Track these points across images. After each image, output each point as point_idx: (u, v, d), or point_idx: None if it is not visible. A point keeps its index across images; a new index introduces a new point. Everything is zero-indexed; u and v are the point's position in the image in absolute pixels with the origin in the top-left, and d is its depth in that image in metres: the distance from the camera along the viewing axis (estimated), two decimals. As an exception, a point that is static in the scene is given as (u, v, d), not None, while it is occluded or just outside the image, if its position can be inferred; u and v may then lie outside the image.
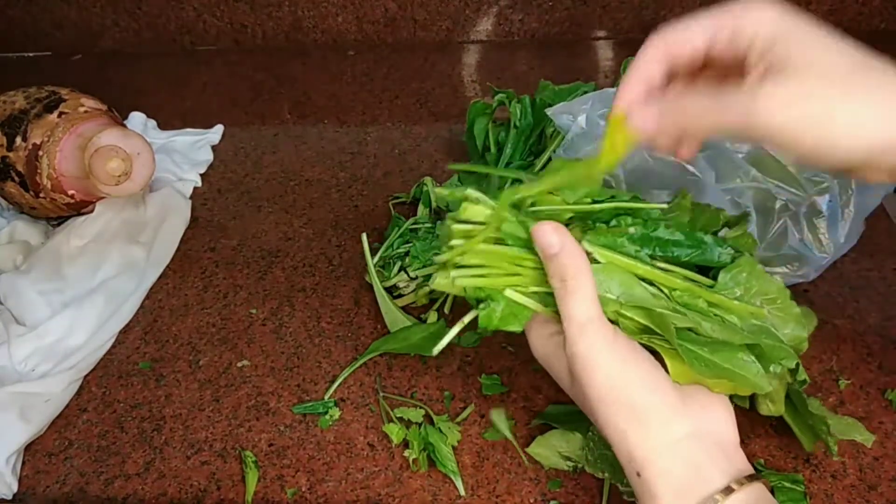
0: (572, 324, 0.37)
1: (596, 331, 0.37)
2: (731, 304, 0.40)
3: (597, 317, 0.37)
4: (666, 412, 0.37)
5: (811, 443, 0.47)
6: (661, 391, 0.37)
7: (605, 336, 0.37)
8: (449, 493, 0.49)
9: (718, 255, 0.41)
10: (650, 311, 0.38)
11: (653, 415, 0.36)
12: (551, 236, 0.38)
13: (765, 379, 0.39)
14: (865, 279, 0.62)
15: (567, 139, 0.60)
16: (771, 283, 0.41)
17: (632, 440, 0.36)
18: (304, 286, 0.67)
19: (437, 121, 0.89)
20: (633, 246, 0.40)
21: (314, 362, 0.59)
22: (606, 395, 0.37)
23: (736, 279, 0.40)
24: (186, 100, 0.98)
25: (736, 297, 0.40)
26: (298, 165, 0.83)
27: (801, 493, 0.47)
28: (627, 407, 0.37)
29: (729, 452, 0.37)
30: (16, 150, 0.68)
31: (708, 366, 0.38)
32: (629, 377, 0.37)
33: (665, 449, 0.36)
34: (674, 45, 0.35)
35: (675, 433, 0.36)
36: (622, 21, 1.00)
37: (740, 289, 0.40)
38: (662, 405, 0.37)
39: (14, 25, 1.09)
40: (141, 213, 0.74)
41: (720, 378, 0.38)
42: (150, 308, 0.66)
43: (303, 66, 1.03)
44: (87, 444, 0.55)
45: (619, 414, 0.37)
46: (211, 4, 1.03)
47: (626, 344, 0.38)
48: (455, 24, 1.03)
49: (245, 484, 0.51)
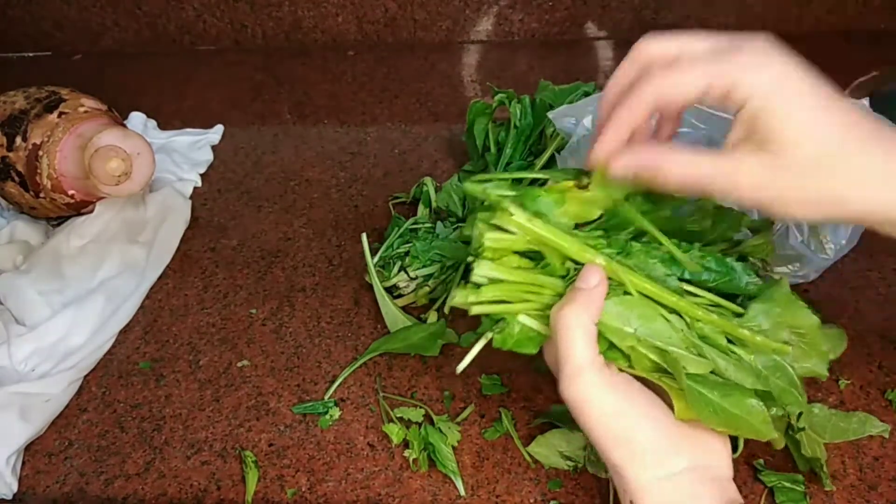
0: (566, 364, 0.37)
1: (592, 373, 0.37)
2: (755, 339, 0.39)
3: (592, 360, 0.37)
4: (664, 449, 0.37)
5: (805, 467, 0.48)
6: (660, 429, 0.37)
7: (601, 378, 0.37)
8: (449, 493, 0.49)
9: (746, 283, 0.41)
10: (664, 351, 0.38)
11: (650, 452, 0.37)
12: (594, 275, 0.38)
13: (770, 427, 0.39)
14: (865, 279, 0.62)
15: (573, 142, 0.60)
16: (805, 317, 0.40)
17: (628, 476, 0.37)
18: (304, 286, 0.67)
19: (437, 121, 0.89)
20: (663, 268, 0.40)
21: (314, 362, 0.59)
22: (603, 434, 0.37)
23: (768, 312, 0.40)
24: (186, 100, 0.98)
25: (762, 331, 0.40)
26: (298, 165, 0.83)
27: (801, 493, 0.47)
28: (623, 445, 0.37)
29: (723, 484, 0.38)
30: (16, 150, 0.68)
31: (715, 411, 0.37)
32: (626, 418, 0.37)
33: (661, 483, 0.36)
34: (666, 97, 0.35)
35: (670, 468, 0.37)
36: (622, 21, 1.00)
37: (770, 322, 0.40)
38: (659, 443, 0.37)
39: (14, 25, 1.09)
40: (141, 213, 0.74)
41: (727, 425, 0.38)
42: (150, 308, 0.66)
43: (303, 66, 1.03)
44: (87, 444, 0.55)
45: (616, 452, 0.37)
46: (211, 4, 1.03)
47: (624, 384, 0.38)
48: (455, 24, 1.03)
49: (245, 484, 0.51)
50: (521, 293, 0.39)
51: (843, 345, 0.43)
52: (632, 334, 0.38)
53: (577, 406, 0.37)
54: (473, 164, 0.75)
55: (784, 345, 0.40)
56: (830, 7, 0.96)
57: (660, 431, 0.37)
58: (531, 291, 0.40)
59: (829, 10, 0.96)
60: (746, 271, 0.41)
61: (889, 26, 0.97)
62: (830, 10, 0.96)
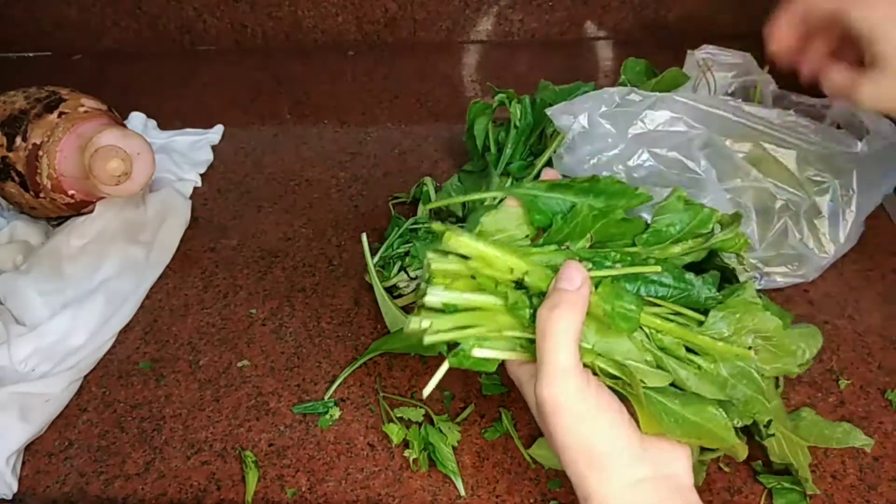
0: (549, 365, 0.37)
1: (572, 378, 0.37)
2: (716, 345, 0.39)
3: (575, 364, 0.37)
4: (626, 459, 0.37)
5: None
6: (624, 438, 0.37)
7: (579, 384, 0.37)
8: (449, 493, 0.49)
9: (705, 297, 0.41)
10: (623, 365, 0.38)
11: (613, 461, 0.37)
12: (577, 274, 0.38)
13: (732, 434, 0.39)
14: (865, 279, 0.62)
15: (568, 139, 0.60)
16: (768, 321, 0.40)
17: (591, 485, 0.37)
18: (304, 286, 0.67)
19: (437, 121, 0.89)
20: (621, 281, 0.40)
21: (314, 362, 0.59)
22: (571, 441, 0.37)
23: (728, 318, 0.40)
24: (186, 100, 0.98)
25: (723, 338, 0.40)
26: (298, 165, 0.83)
27: (801, 494, 0.47)
28: (588, 453, 0.37)
29: (684, 493, 0.38)
30: (16, 150, 0.68)
31: (677, 420, 0.38)
32: (594, 425, 0.37)
33: (623, 491, 0.37)
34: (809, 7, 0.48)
35: (633, 477, 0.37)
36: (622, 21, 1.00)
37: (730, 328, 0.40)
38: (623, 452, 0.37)
39: (14, 25, 1.09)
40: (141, 213, 0.74)
41: (689, 434, 0.38)
42: (150, 308, 0.66)
43: (303, 66, 1.03)
44: (87, 445, 0.55)
45: (580, 460, 0.37)
46: (211, 4, 1.03)
47: (595, 391, 0.37)
48: (455, 24, 1.03)
49: (245, 484, 0.51)
50: (475, 317, 0.39)
51: (817, 342, 0.43)
52: (590, 349, 0.38)
53: (551, 408, 0.37)
54: (473, 164, 0.75)
55: (747, 350, 0.40)
56: (830, 7, 0.96)
57: (624, 440, 0.37)
58: (485, 313, 0.39)
59: (830, 9, 0.96)
60: (707, 285, 0.41)
61: (889, 26, 0.97)
62: (830, 10, 0.96)
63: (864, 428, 0.50)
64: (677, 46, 0.71)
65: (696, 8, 0.98)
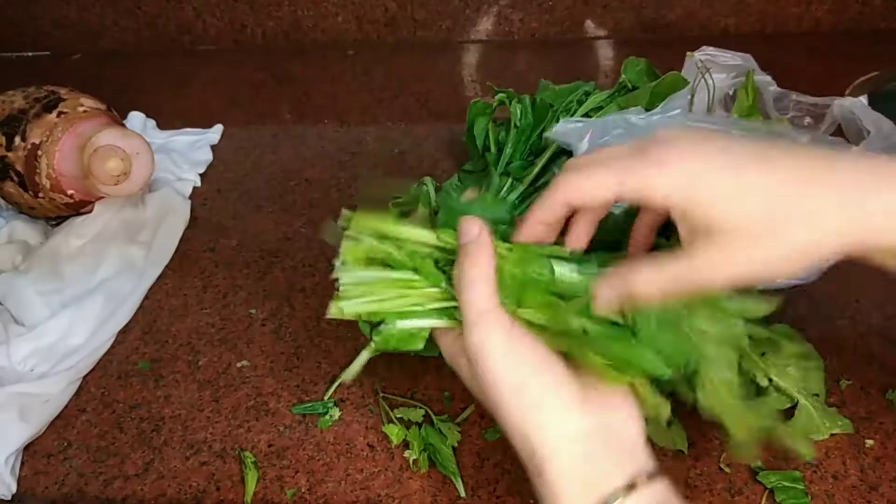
0: (470, 311, 0.37)
1: (494, 320, 0.36)
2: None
3: (495, 306, 0.37)
4: (562, 406, 0.35)
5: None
6: (557, 385, 0.36)
7: (503, 325, 0.36)
8: (449, 494, 0.49)
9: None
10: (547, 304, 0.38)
11: (549, 409, 0.35)
12: (473, 226, 0.38)
13: (661, 364, 0.36)
14: (866, 279, 0.62)
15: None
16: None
17: (532, 438, 0.35)
18: (304, 286, 0.67)
19: (437, 121, 0.89)
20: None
21: (314, 362, 0.59)
22: (503, 387, 0.36)
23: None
24: (186, 100, 0.98)
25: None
26: (298, 165, 0.83)
27: (802, 492, 0.47)
28: (519, 394, 0.36)
29: (632, 450, 0.36)
30: (15, 150, 0.67)
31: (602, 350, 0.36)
32: (522, 363, 0.36)
33: (564, 446, 0.35)
34: (576, 200, 0.37)
35: (573, 429, 0.35)
36: (622, 21, 1.00)
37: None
38: (558, 399, 0.36)
39: (14, 25, 1.08)
40: (140, 213, 0.74)
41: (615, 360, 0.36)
42: (149, 308, 0.66)
43: (303, 65, 1.03)
44: (85, 445, 0.55)
45: (516, 408, 0.36)
46: (211, 4, 1.03)
47: (522, 335, 0.37)
48: (455, 24, 1.03)
49: (244, 484, 0.51)
50: (396, 292, 0.40)
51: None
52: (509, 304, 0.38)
53: (476, 354, 0.36)
54: (473, 164, 0.75)
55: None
56: (830, 7, 0.96)
57: (557, 388, 0.36)
58: (406, 287, 0.40)
59: (830, 10, 0.96)
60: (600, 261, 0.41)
61: (889, 26, 0.97)
62: (830, 10, 0.96)
63: (864, 428, 0.50)
64: (677, 46, 0.71)
65: (696, 8, 0.98)
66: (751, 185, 0.32)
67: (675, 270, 0.34)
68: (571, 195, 0.37)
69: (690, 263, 0.34)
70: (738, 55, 0.68)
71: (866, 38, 0.96)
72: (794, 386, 0.47)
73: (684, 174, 0.33)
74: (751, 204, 0.32)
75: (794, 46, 0.95)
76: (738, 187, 0.32)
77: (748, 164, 0.33)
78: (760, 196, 0.32)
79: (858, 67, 0.81)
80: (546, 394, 0.36)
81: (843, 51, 0.92)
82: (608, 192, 0.35)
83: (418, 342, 0.41)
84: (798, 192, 0.32)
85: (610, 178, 0.35)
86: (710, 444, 0.50)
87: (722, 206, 0.32)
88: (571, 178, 0.36)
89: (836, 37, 0.96)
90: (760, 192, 0.32)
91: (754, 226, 0.32)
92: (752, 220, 0.32)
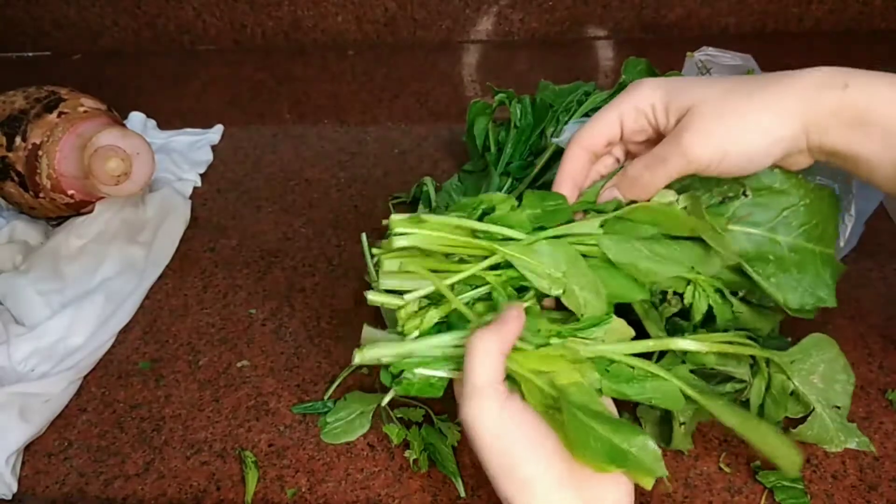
0: (467, 387, 0.37)
1: (488, 395, 0.37)
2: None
3: (491, 382, 0.37)
4: (549, 482, 0.35)
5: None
6: (547, 460, 0.36)
7: (497, 399, 0.36)
8: (449, 494, 0.49)
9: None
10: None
11: (537, 485, 0.35)
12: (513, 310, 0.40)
13: (661, 464, 0.37)
14: (866, 279, 0.62)
15: None
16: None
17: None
18: (304, 286, 0.67)
19: (437, 121, 0.89)
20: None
21: (314, 362, 0.59)
22: (494, 460, 0.36)
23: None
24: (186, 100, 0.98)
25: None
26: (298, 165, 0.83)
27: (801, 491, 0.47)
28: (510, 475, 0.36)
29: None
30: (15, 150, 0.68)
31: (603, 446, 0.36)
32: (513, 445, 0.36)
33: None
34: (590, 145, 0.45)
35: (559, 502, 0.35)
36: (622, 21, 1.00)
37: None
38: (546, 474, 0.36)
39: (14, 25, 1.09)
40: (140, 213, 0.74)
41: (615, 461, 0.36)
42: (149, 308, 0.66)
43: (303, 65, 1.03)
44: (86, 445, 0.55)
45: (503, 480, 0.36)
46: (210, 4, 1.03)
47: (518, 412, 0.37)
48: (455, 24, 1.03)
49: (245, 484, 0.51)
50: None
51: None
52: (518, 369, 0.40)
53: (469, 428, 0.36)
54: (473, 164, 0.75)
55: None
56: (830, 7, 0.96)
57: (546, 462, 0.36)
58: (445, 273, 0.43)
59: (830, 10, 0.96)
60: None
61: (889, 26, 0.97)
62: (830, 10, 0.96)
63: (864, 428, 0.50)
64: (677, 46, 0.71)
65: (696, 8, 0.98)
66: (718, 80, 0.41)
67: (662, 150, 0.41)
68: (588, 144, 0.45)
69: (675, 141, 0.40)
70: (738, 55, 0.68)
71: (866, 38, 0.96)
72: (815, 394, 0.47)
73: (659, 85, 0.42)
74: (721, 85, 0.40)
75: (794, 46, 0.95)
76: (706, 81, 0.41)
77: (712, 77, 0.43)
78: (729, 83, 0.40)
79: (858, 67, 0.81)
80: (535, 474, 0.36)
81: (843, 51, 0.92)
82: (614, 126, 0.44)
83: (437, 391, 0.42)
84: (762, 81, 0.40)
85: (610, 115, 0.44)
86: (710, 444, 0.50)
87: (695, 89, 0.41)
88: (582, 134, 0.45)
89: (836, 37, 0.96)
90: (728, 82, 0.40)
91: (722, 100, 0.39)
92: (722, 97, 0.39)
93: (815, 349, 0.47)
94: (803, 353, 0.47)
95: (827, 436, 0.48)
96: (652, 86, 0.42)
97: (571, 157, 0.46)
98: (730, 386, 0.48)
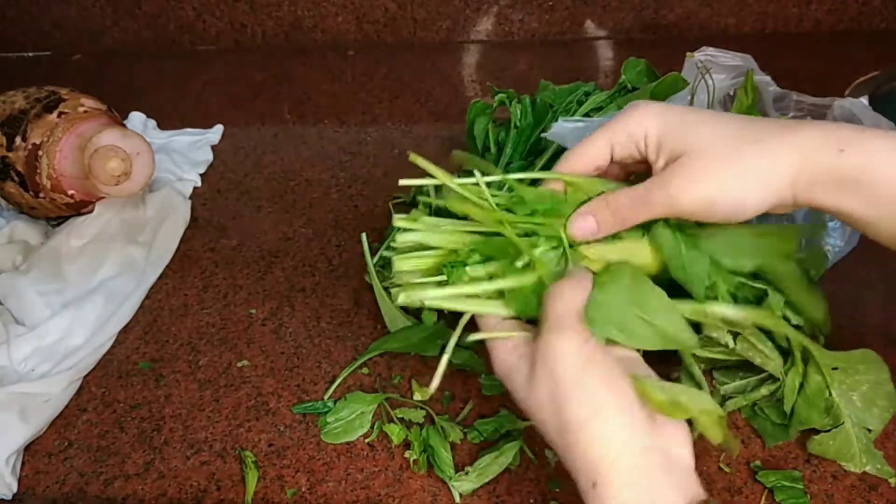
0: (553, 314, 0.38)
1: (575, 329, 0.38)
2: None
3: (578, 319, 0.38)
4: (627, 415, 0.36)
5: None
6: (630, 401, 0.37)
7: (582, 334, 0.38)
8: (449, 494, 0.49)
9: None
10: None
11: (614, 414, 0.36)
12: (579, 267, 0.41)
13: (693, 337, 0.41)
14: (866, 279, 0.62)
15: None
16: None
17: (595, 439, 0.35)
18: (304, 286, 0.67)
19: (437, 121, 0.89)
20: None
21: (314, 362, 0.59)
22: (571, 389, 0.36)
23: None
24: (186, 100, 0.98)
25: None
26: (298, 165, 0.83)
27: (801, 491, 0.47)
28: (590, 401, 0.36)
29: (688, 475, 0.37)
30: (15, 150, 0.68)
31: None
32: (594, 381, 0.37)
33: (625, 458, 0.35)
34: (578, 170, 0.43)
35: (636, 441, 0.36)
36: (622, 21, 1.00)
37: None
38: (623, 406, 0.36)
39: (14, 25, 1.09)
40: (141, 213, 0.74)
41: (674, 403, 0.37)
42: (149, 308, 0.66)
43: (303, 66, 1.03)
44: (86, 445, 0.55)
45: (581, 409, 0.36)
46: (211, 4, 1.03)
47: (597, 347, 0.38)
48: (455, 24, 1.03)
49: (245, 484, 0.51)
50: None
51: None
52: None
53: (550, 355, 0.37)
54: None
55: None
56: (830, 7, 0.96)
57: (632, 400, 0.37)
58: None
59: (829, 10, 0.96)
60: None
61: (889, 26, 0.97)
62: (830, 10, 0.96)
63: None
64: (677, 46, 0.71)
65: (695, 8, 0.98)
66: (716, 122, 0.39)
67: (648, 192, 0.40)
68: (574, 165, 0.43)
69: (662, 185, 0.39)
70: (738, 55, 0.68)
71: (866, 38, 0.96)
72: (850, 410, 0.46)
73: (657, 115, 0.40)
74: (719, 130, 0.38)
75: (794, 46, 0.95)
76: (704, 121, 0.39)
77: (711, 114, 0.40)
78: (726, 127, 0.39)
79: (858, 67, 0.81)
80: (610, 403, 0.36)
81: (843, 51, 0.92)
82: (604, 151, 0.42)
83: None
84: (760, 128, 0.38)
85: (600, 141, 0.42)
86: (709, 444, 0.50)
87: (690, 133, 0.39)
88: (572, 155, 0.43)
89: (836, 37, 0.96)
90: (726, 125, 0.39)
91: (718, 148, 0.38)
92: (717, 143, 0.38)
93: (863, 365, 0.46)
94: (849, 365, 0.46)
95: (848, 453, 0.47)
96: (648, 113, 0.41)
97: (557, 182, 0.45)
98: (765, 389, 0.48)
